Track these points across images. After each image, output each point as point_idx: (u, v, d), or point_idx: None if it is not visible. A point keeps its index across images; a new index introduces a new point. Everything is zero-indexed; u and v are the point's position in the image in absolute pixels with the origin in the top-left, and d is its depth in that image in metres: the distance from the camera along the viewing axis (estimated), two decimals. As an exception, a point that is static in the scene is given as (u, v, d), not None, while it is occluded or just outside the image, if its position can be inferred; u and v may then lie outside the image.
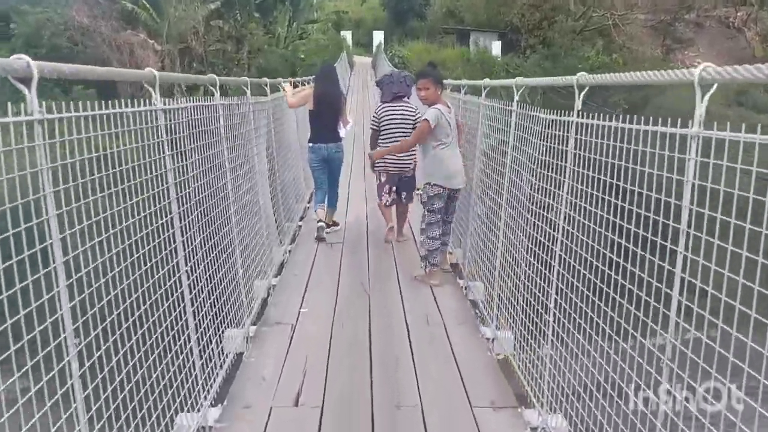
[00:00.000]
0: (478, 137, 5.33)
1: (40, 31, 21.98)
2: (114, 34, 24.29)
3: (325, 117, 6.71)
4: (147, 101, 2.76)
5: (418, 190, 6.24)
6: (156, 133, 2.84)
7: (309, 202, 8.66)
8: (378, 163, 6.43)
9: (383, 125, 6.35)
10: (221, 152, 3.97)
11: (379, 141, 6.42)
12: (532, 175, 3.58)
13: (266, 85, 6.17)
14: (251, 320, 4.42)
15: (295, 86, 8.47)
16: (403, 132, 6.28)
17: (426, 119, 5.27)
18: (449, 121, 5.34)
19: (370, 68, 33.87)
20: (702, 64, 1.84)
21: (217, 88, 3.95)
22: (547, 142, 3.34)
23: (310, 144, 6.85)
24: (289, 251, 6.56)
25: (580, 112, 2.97)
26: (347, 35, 40.40)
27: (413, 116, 6.33)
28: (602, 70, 22.60)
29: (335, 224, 7.20)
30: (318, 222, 6.91)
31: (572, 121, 3.00)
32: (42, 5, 23.03)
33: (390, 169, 6.37)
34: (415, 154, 6.42)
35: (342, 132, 6.92)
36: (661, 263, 2.04)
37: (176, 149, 3.07)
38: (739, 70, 1.70)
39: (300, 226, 7.65)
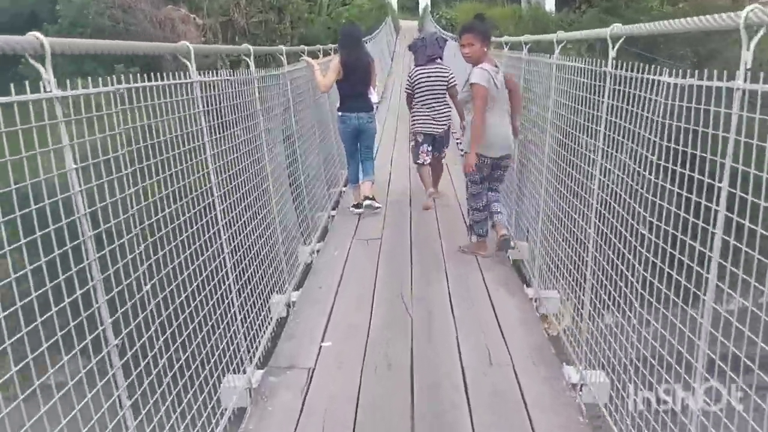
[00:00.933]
0: (550, 108, 4.11)
1: (83, 12, 21.53)
2: (155, 10, 23.76)
3: (356, 84, 5.94)
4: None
5: (460, 147, 5.71)
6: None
7: (344, 186, 7.58)
8: (414, 124, 6.38)
9: (416, 88, 6.24)
10: (201, 147, 2.91)
11: (414, 104, 6.33)
12: (650, 171, 2.37)
13: (282, 54, 5.04)
14: (257, 362, 3.39)
15: (326, 54, 7.34)
16: (437, 94, 6.21)
17: (478, 84, 4.53)
18: (497, 83, 4.71)
19: (417, 32, 32.25)
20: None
21: (192, 60, 2.87)
22: (680, 122, 2.11)
23: (340, 113, 6.14)
24: (317, 251, 5.50)
25: (748, 73, 1.76)
26: (392, -1, 38.74)
27: (446, 77, 6.24)
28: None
29: (374, 201, 6.25)
30: (352, 207, 6.42)
31: (736, 88, 1.79)
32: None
33: (425, 130, 6.30)
34: (449, 116, 6.38)
35: (374, 98, 6.37)
36: None
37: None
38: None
39: (332, 217, 6.56)
